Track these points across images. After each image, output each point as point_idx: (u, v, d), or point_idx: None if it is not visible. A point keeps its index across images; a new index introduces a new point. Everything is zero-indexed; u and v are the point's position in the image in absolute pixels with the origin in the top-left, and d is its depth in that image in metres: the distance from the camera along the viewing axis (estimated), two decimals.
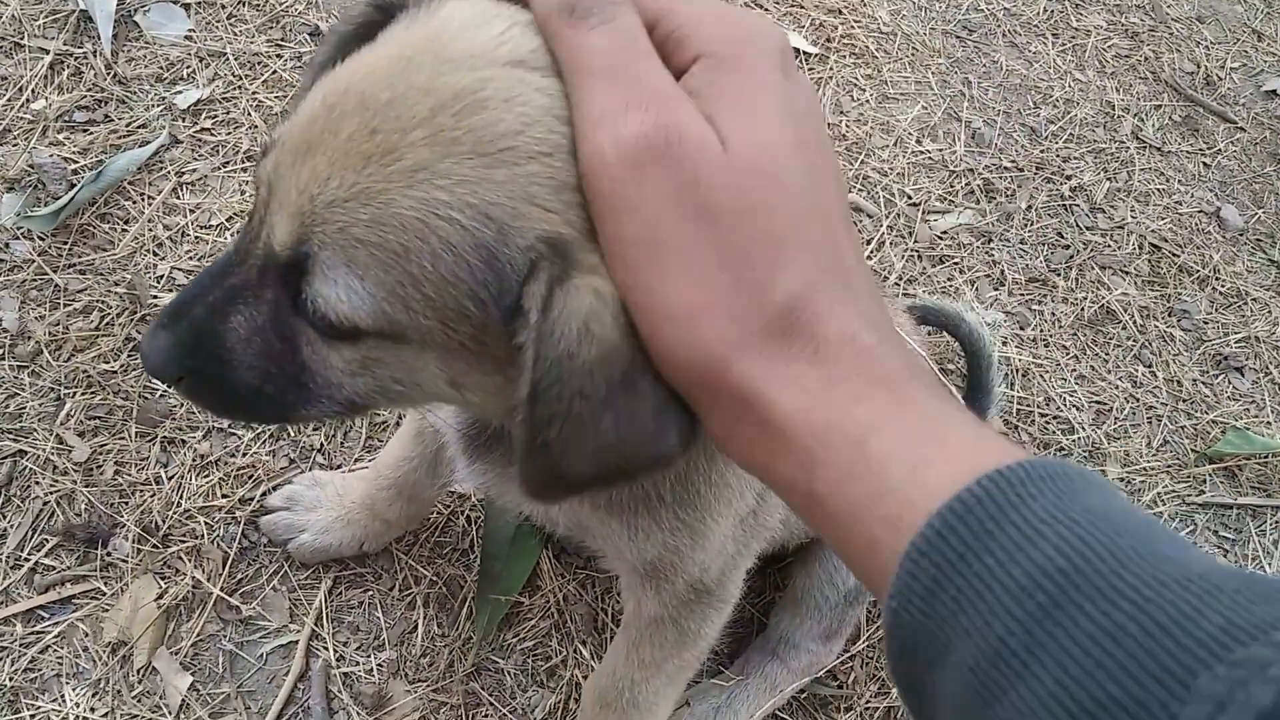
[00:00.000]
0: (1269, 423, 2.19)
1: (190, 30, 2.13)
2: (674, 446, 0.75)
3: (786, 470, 0.68)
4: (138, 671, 1.58)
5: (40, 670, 1.56)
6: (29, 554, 1.63)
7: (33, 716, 1.53)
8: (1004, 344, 2.10)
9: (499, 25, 0.77)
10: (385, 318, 0.76)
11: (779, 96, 0.72)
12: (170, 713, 1.55)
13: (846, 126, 2.38)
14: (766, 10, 2.51)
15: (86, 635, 1.59)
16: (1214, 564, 0.57)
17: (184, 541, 1.67)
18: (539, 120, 0.72)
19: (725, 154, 0.68)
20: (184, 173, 1.97)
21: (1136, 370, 2.21)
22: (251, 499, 1.72)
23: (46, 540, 1.64)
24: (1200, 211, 2.50)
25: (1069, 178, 2.46)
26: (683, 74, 0.72)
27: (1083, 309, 2.26)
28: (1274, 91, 2.78)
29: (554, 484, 0.77)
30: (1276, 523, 2.09)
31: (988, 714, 0.56)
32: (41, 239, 1.84)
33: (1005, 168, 2.43)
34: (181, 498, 1.70)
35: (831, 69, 2.47)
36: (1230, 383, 2.25)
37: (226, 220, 1.93)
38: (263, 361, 0.84)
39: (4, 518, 1.64)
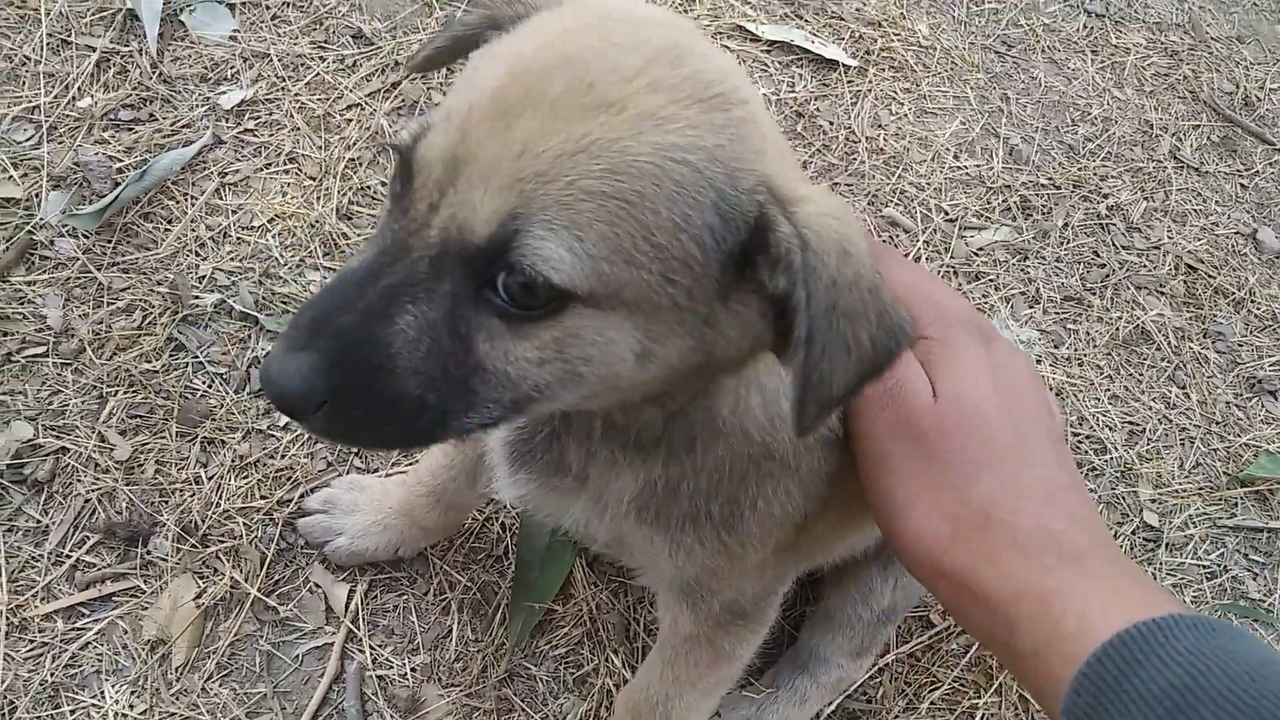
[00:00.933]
0: None
1: (235, 30, 2.14)
2: (910, 332, 0.82)
3: (992, 628, 0.90)
4: (176, 670, 1.60)
5: (80, 667, 1.58)
6: (70, 551, 1.64)
7: (73, 713, 1.54)
8: (1038, 362, 2.10)
9: (648, 6, 0.86)
10: (602, 278, 0.74)
11: (978, 359, 0.99)
12: (207, 712, 1.57)
13: (884, 140, 2.38)
14: (806, 21, 2.51)
15: (126, 633, 1.61)
16: None
17: (222, 542, 1.68)
18: (730, 70, 0.80)
19: (934, 400, 0.96)
20: (226, 173, 1.98)
21: (1170, 391, 2.21)
22: (289, 500, 1.73)
23: (88, 538, 1.65)
24: (1237, 233, 2.49)
25: (1106, 196, 2.45)
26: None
27: (1117, 329, 2.25)
28: None
29: (823, 410, 0.79)
30: None
31: None
32: (86, 237, 1.86)
33: (1042, 185, 2.43)
34: (221, 498, 1.71)
35: (870, 82, 2.46)
36: (1264, 406, 2.24)
37: (268, 221, 1.95)
38: (430, 364, 0.78)
39: (46, 514, 1.66)
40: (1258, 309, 2.37)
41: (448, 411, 0.81)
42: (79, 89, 2.00)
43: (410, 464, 1.74)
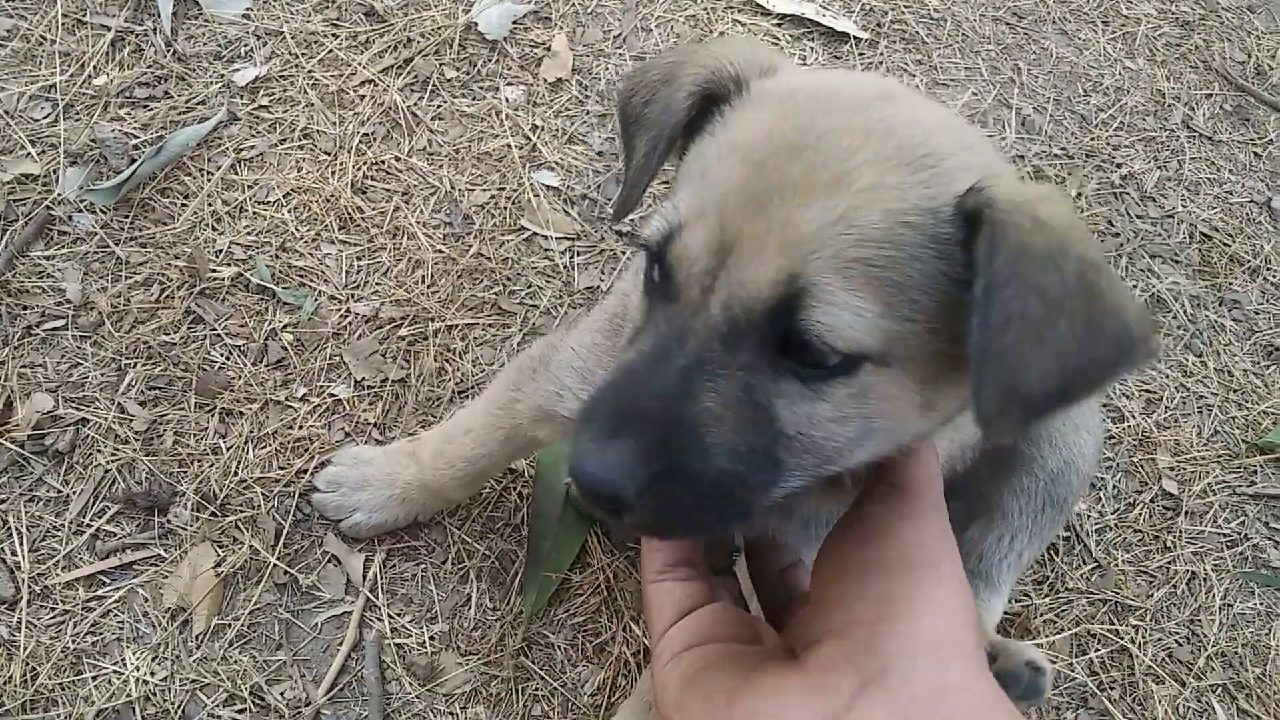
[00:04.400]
0: None
1: (248, 9, 2.15)
2: (1141, 346, 0.77)
3: None
4: (196, 637, 1.61)
5: (102, 634, 1.59)
6: (91, 520, 1.65)
7: (94, 679, 1.56)
8: None
9: (835, 79, 0.94)
10: (884, 335, 0.79)
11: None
12: (227, 679, 1.58)
13: None
14: None
15: (146, 601, 1.62)
16: None
17: (241, 511, 1.69)
18: (934, 131, 0.84)
19: None
20: (242, 149, 1.99)
21: (1187, 360, 2.20)
22: (307, 471, 1.74)
23: (108, 507, 1.67)
24: (1251, 201, 2.48)
25: (1119, 166, 2.44)
26: None
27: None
28: None
29: (1011, 402, 0.75)
30: None
31: None
32: (104, 212, 1.87)
33: (1055, 155, 2.42)
34: (239, 468, 1.72)
35: (881, 54, 2.46)
36: None
37: (283, 196, 1.96)
38: (739, 438, 0.80)
39: (67, 484, 1.67)
40: (1274, 276, 2.36)
41: (758, 485, 0.83)
42: (95, 67, 2.02)
43: (419, 430, 1.75)
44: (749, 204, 0.80)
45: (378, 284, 1.91)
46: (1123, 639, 1.85)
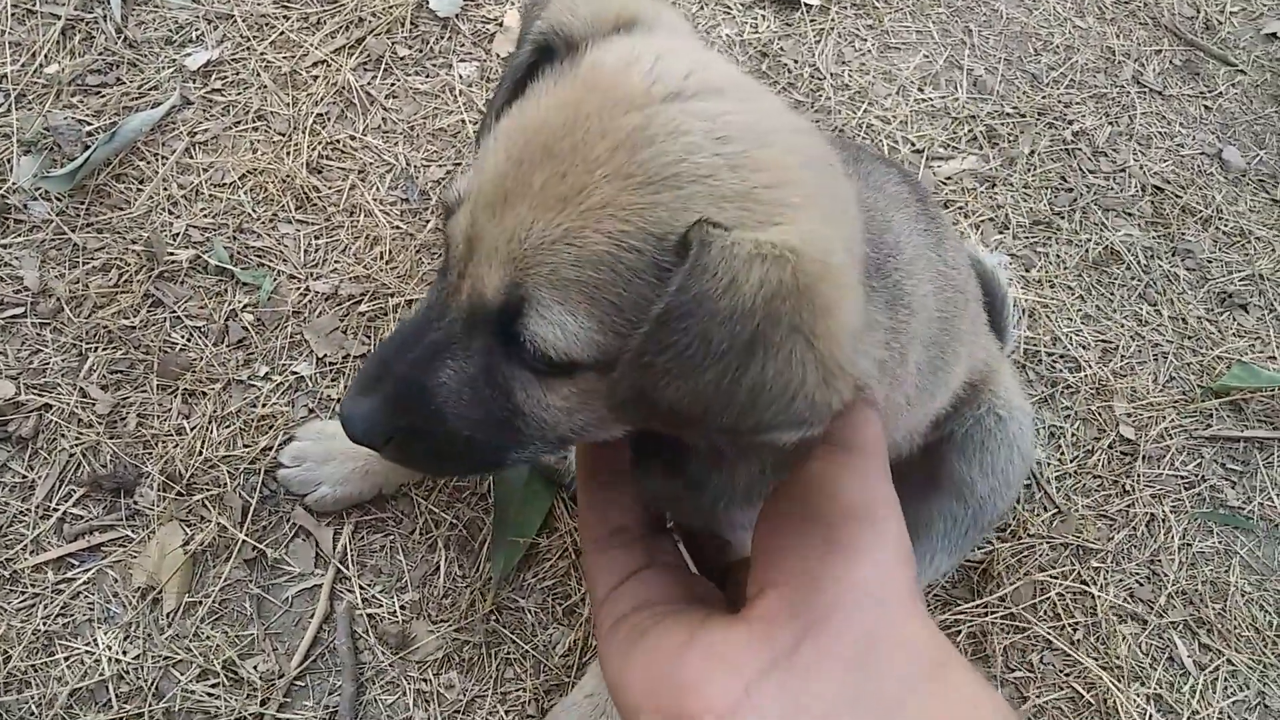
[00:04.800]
0: (1274, 356, 2.21)
1: None
2: (760, 432, 0.77)
3: None
4: (167, 615, 1.62)
5: (72, 615, 1.60)
6: (57, 504, 1.66)
7: (66, 659, 1.57)
8: (1009, 284, 2.12)
9: (646, 62, 0.84)
10: (598, 348, 0.80)
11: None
12: (200, 654, 1.59)
13: (849, 76, 2.40)
14: None
15: (116, 581, 1.63)
16: None
17: (208, 490, 1.70)
18: (701, 146, 0.79)
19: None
20: (196, 133, 2.00)
21: (1142, 309, 2.23)
22: (272, 448, 1.75)
23: (74, 491, 1.68)
24: (1202, 153, 2.51)
25: (1071, 123, 2.47)
26: None
27: (1087, 250, 2.28)
28: (1274, 34, 2.78)
29: (637, 401, 0.78)
30: None
31: None
32: (59, 199, 1.87)
33: (1007, 114, 2.44)
34: (204, 448, 1.73)
35: (833, 20, 2.48)
36: (1235, 319, 2.26)
37: (239, 178, 1.96)
38: (474, 411, 0.87)
39: (32, 469, 1.68)
40: (1225, 225, 2.39)
41: (499, 448, 0.91)
42: (46, 56, 2.02)
43: None
44: (496, 202, 0.82)
45: (336, 262, 1.92)
46: (1085, 581, 1.88)
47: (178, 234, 1.89)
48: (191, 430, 1.74)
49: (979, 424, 1.63)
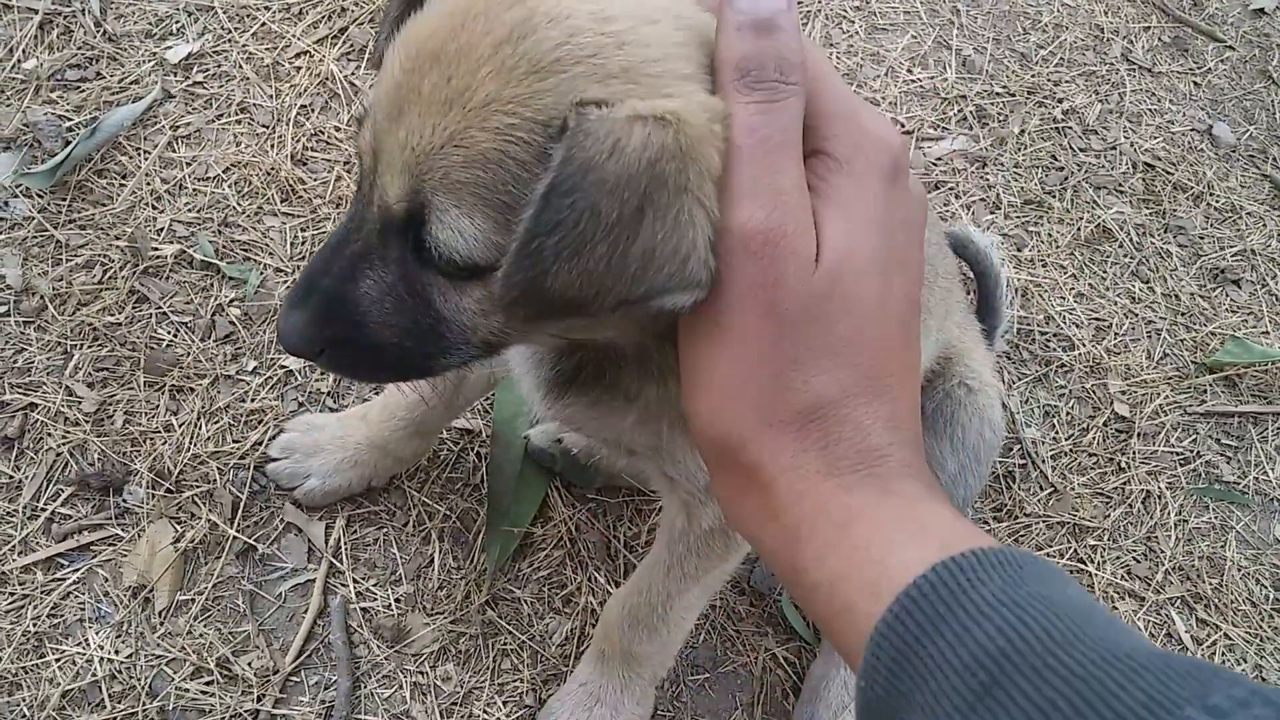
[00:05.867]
0: (1267, 331, 2.21)
1: None
2: (653, 298, 0.77)
3: (773, 542, 0.79)
4: (160, 613, 1.60)
5: (63, 616, 1.58)
6: (45, 504, 1.64)
7: (58, 660, 1.55)
8: (1001, 265, 2.11)
9: None
10: (498, 249, 0.80)
11: (877, 206, 0.79)
12: (193, 652, 1.58)
13: (837, 58, 2.38)
14: None
15: (107, 580, 1.61)
16: (1142, 643, 0.63)
17: (197, 486, 1.69)
18: (584, 28, 0.78)
19: (814, 263, 0.76)
20: (178, 126, 1.98)
21: (1134, 286, 2.22)
22: (262, 443, 1.73)
23: (61, 490, 1.66)
24: (1192, 130, 2.50)
25: (1061, 101, 2.46)
26: (805, 158, 0.80)
27: (1079, 229, 2.27)
28: (1261, 10, 2.77)
29: (529, 297, 0.77)
30: (1278, 429, 2.11)
31: None
32: (40, 196, 1.85)
33: (997, 93, 2.43)
34: (192, 444, 1.71)
35: (820, 1, 2.46)
36: (1228, 295, 2.26)
37: (223, 171, 1.94)
38: (398, 318, 0.89)
39: (19, 469, 1.66)
40: (1217, 201, 2.39)
41: (427, 354, 0.92)
42: (24, 51, 1.99)
43: (374, 395, 1.75)
44: (393, 112, 0.82)
45: None
46: (1082, 559, 1.88)
47: (162, 229, 1.87)
48: (180, 427, 1.72)
49: (949, 396, 1.62)
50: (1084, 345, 2.11)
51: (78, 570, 1.61)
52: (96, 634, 1.58)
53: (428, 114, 0.79)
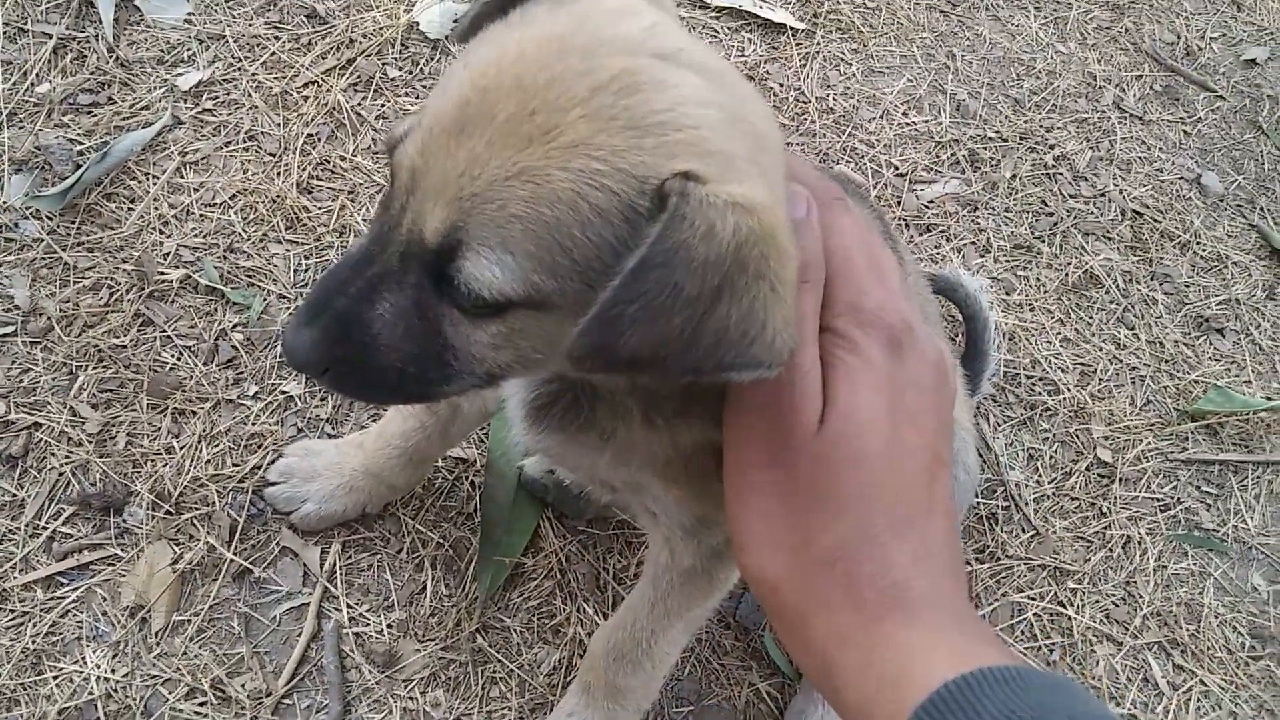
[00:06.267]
0: (1249, 381, 2.25)
1: (190, 14, 2.17)
2: (720, 372, 0.81)
3: (813, 672, 0.90)
4: (156, 634, 1.63)
5: (61, 634, 1.61)
6: (46, 522, 1.67)
7: (55, 678, 1.58)
8: (990, 308, 2.15)
9: (648, 18, 0.85)
10: (533, 288, 0.81)
11: (881, 374, 0.90)
12: (188, 673, 1.61)
13: (834, 100, 2.43)
14: None
15: (105, 600, 1.64)
16: None
17: (196, 509, 1.72)
18: (690, 99, 0.80)
19: (819, 430, 0.87)
20: (187, 152, 2.01)
21: (1120, 333, 2.27)
22: (260, 467, 1.77)
23: (63, 509, 1.69)
24: (1181, 178, 2.56)
25: (1052, 147, 2.51)
26: (821, 332, 0.91)
27: (1067, 274, 2.31)
28: (1253, 60, 2.83)
29: (599, 353, 0.80)
30: (1257, 478, 2.15)
31: None
32: (50, 219, 1.89)
33: (990, 138, 2.48)
34: (193, 466, 1.75)
35: (818, 44, 2.51)
36: (1211, 344, 2.31)
37: (230, 198, 1.98)
38: (407, 344, 0.89)
39: (22, 488, 1.69)
40: (1203, 250, 2.43)
41: (430, 380, 0.92)
42: (37, 75, 2.03)
43: (372, 419, 1.78)
44: (452, 131, 0.80)
45: None
46: (1062, 603, 1.91)
47: (168, 253, 1.90)
48: (181, 449, 1.75)
49: None
50: (1069, 390, 2.15)
51: (77, 589, 1.64)
52: (94, 652, 1.61)
53: (498, 145, 0.78)
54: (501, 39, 0.83)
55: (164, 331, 1.84)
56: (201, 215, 1.96)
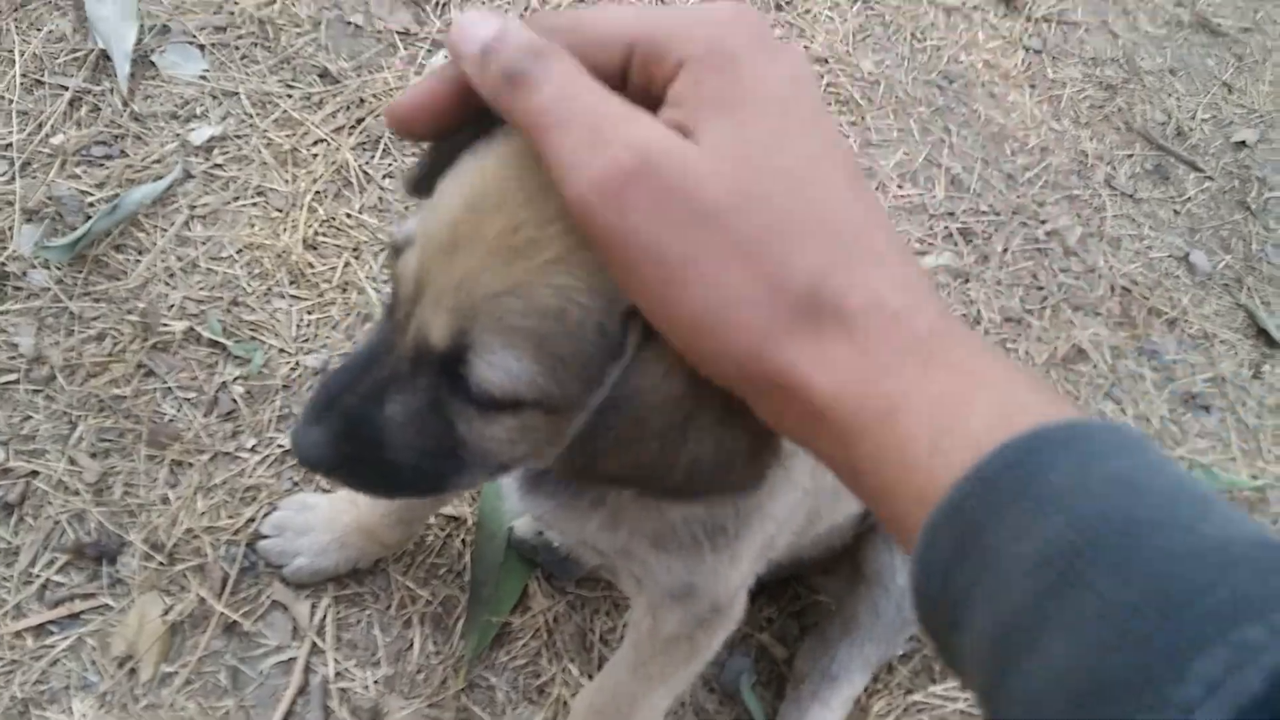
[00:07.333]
0: (1234, 458, 2.28)
1: (205, 70, 2.23)
2: (691, 496, 0.86)
3: (828, 449, 0.70)
4: (144, 684, 1.64)
5: (50, 683, 1.63)
6: (40, 571, 1.69)
7: None
8: None
9: None
10: (542, 391, 0.84)
11: (759, 81, 0.70)
12: None
13: None
14: None
15: (94, 649, 1.66)
16: (1240, 530, 0.54)
17: (189, 560, 1.74)
18: None
19: (703, 155, 0.67)
20: (196, 206, 2.06)
21: (1107, 408, 2.30)
22: (255, 519, 1.79)
23: (57, 558, 1.71)
24: (1170, 256, 2.60)
25: (1044, 222, 2.56)
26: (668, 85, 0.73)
27: (1056, 348, 2.35)
28: (1243, 142, 2.89)
29: (585, 472, 0.85)
30: None
31: (1004, 682, 0.56)
32: (58, 268, 1.92)
33: (983, 212, 2.53)
34: (188, 517, 1.77)
35: None
36: (1198, 421, 2.34)
37: (236, 252, 2.02)
38: (420, 441, 0.90)
39: (17, 535, 1.71)
40: (1190, 328, 2.48)
41: (443, 475, 0.95)
42: (52, 126, 2.08)
43: None
44: (447, 247, 0.82)
45: (327, 337, 1.98)
46: None
47: (173, 305, 1.94)
48: (176, 500, 1.78)
49: None
50: None
51: (68, 638, 1.66)
52: (81, 702, 1.62)
53: (490, 259, 0.80)
54: (485, 155, 0.85)
55: (165, 383, 1.87)
56: (208, 269, 1.99)
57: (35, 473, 1.76)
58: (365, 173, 2.19)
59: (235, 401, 1.88)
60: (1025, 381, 0.66)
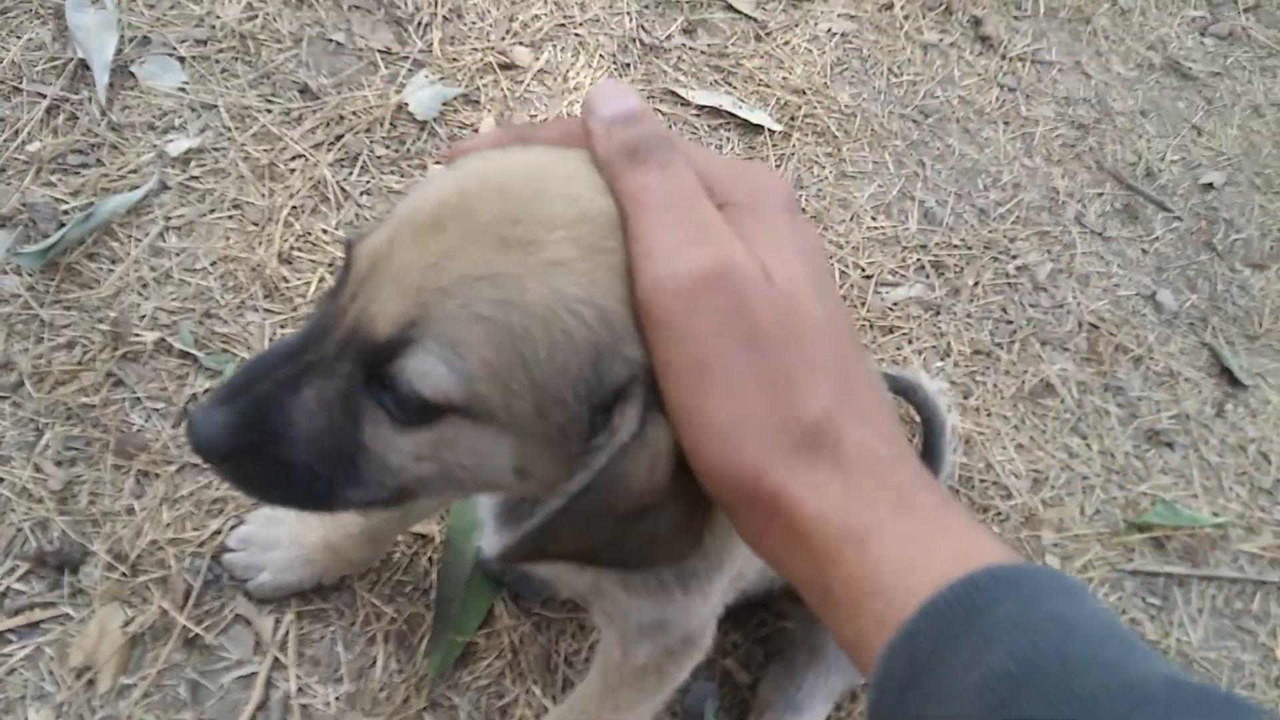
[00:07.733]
0: (1196, 495, 2.31)
1: (184, 82, 2.23)
2: (635, 568, 0.89)
3: (804, 569, 0.76)
4: (101, 696, 1.63)
5: (6, 692, 1.61)
6: (1, 579, 1.68)
7: None
8: (949, 412, 2.21)
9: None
10: (477, 395, 0.78)
11: (793, 238, 0.80)
12: None
13: (806, 200, 2.51)
14: (735, 88, 2.65)
15: (53, 659, 1.64)
16: (1155, 670, 0.62)
17: (152, 571, 1.73)
18: None
19: (770, 285, 0.75)
20: (171, 217, 2.05)
21: (1072, 442, 2.33)
22: (220, 532, 1.78)
23: (18, 566, 1.69)
24: (1137, 294, 2.64)
25: (1015, 257, 2.59)
26: None
27: (1023, 382, 2.38)
28: (1210, 184, 2.94)
29: (531, 554, 0.82)
30: (1201, 592, 2.20)
31: None
32: (30, 275, 1.91)
33: (955, 245, 2.56)
34: (152, 529, 1.76)
35: (794, 146, 2.60)
36: (1161, 457, 2.37)
37: (210, 264, 2.02)
38: (324, 436, 0.82)
39: None
40: (1156, 365, 2.51)
41: (334, 483, 0.85)
42: (29, 134, 2.07)
43: None
44: (426, 225, 0.78)
45: None
46: None
47: (144, 315, 1.93)
48: (142, 511, 1.76)
49: None
50: (1021, 495, 2.20)
51: (26, 647, 1.64)
52: (37, 712, 1.60)
53: (477, 242, 0.75)
54: (487, 158, 0.83)
55: (134, 393, 1.86)
56: (181, 280, 1.99)
57: (0, 479, 1.74)
58: (343, 189, 2.19)
59: None
60: (983, 532, 0.75)
